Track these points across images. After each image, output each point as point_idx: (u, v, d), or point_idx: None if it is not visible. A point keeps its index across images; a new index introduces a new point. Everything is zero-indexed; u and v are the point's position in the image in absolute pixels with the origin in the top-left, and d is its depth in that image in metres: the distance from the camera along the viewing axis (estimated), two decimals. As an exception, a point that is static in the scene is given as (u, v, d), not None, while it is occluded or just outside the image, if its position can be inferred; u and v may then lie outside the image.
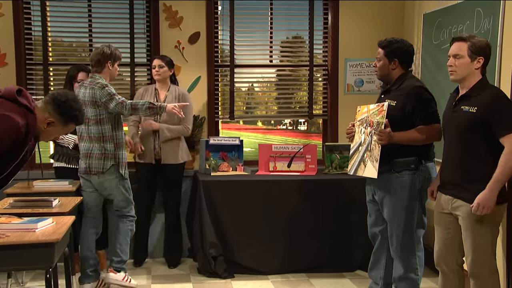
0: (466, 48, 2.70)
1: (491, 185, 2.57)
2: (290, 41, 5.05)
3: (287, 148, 4.52)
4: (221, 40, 4.82)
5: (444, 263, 2.90)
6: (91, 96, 3.60)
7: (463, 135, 2.69)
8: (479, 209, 2.60)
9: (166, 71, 4.28)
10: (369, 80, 4.85)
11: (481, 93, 2.66)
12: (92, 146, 3.64)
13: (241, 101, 5.10)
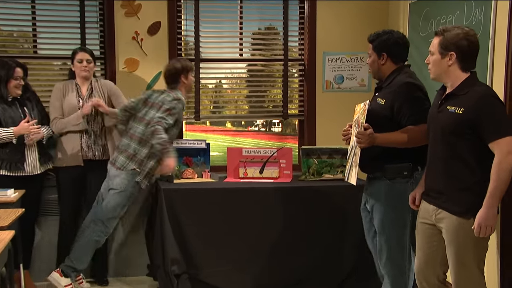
0: (437, 44, 2.68)
1: (487, 201, 2.52)
2: (262, 33, 5.00)
3: (259, 152, 4.45)
4: (185, 31, 4.74)
5: (425, 279, 2.87)
6: (161, 101, 3.96)
7: (449, 138, 2.65)
8: (482, 230, 2.54)
9: (93, 67, 4.21)
10: (350, 76, 4.83)
11: (469, 91, 2.62)
12: (130, 144, 3.97)
13: (207, 99, 5.03)
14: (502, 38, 3.13)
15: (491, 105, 2.56)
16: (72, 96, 4.15)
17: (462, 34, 2.65)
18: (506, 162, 2.49)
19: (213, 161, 4.63)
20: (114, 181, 3.95)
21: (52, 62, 4.65)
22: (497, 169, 2.50)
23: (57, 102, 4.14)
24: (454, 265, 2.68)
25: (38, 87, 4.56)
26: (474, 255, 2.65)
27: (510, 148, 2.50)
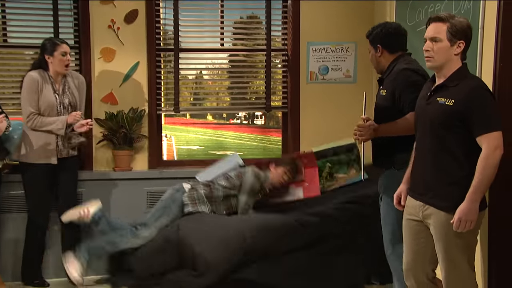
0: (445, 30, 2.61)
1: (470, 195, 2.50)
2: (244, 22, 4.93)
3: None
4: (164, 20, 4.66)
5: (413, 276, 2.85)
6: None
7: (437, 131, 2.62)
8: (461, 224, 2.53)
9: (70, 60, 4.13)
10: (335, 67, 4.78)
11: (459, 84, 2.60)
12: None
13: (187, 91, 4.95)
14: (491, 28, 3.10)
15: (482, 98, 2.54)
16: (49, 92, 4.00)
17: (467, 23, 2.64)
18: (493, 157, 2.48)
19: (194, 155, 4.57)
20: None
21: (23, 51, 4.53)
22: (483, 164, 2.49)
23: (34, 95, 3.94)
24: (443, 262, 2.66)
25: (8, 77, 4.46)
26: (463, 251, 2.63)
27: (498, 143, 2.49)
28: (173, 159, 5.17)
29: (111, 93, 4.51)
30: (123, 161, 4.47)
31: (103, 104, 4.50)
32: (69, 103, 4.05)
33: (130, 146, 4.47)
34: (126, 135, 4.42)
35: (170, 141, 5.21)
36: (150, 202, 4.51)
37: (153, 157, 4.61)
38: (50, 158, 4.00)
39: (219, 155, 5.41)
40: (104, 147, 4.53)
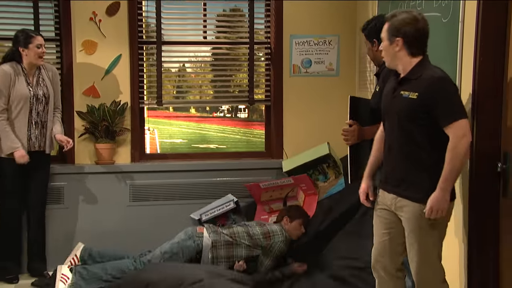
0: (386, 30, 2.71)
1: (441, 185, 2.55)
2: (227, 15, 4.93)
3: (276, 183, 4.47)
4: (146, 12, 4.63)
5: (382, 267, 2.88)
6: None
7: (404, 124, 2.66)
8: (433, 212, 2.58)
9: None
10: (318, 60, 4.80)
11: (421, 75, 2.63)
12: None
13: (170, 84, 4.95)
14: (471, 21, 3.13)
15: (444, 89, 2.59)
16: (22, 84, 3.98)
17: (409, 19, 2.67)
18: (461, 146, 2.53)
19: (177, 148, 4.57)
20: None
21: (3, 43, 4.45)
22: (451, 154, 2.53)
23: (5, 90, 3.93)
24: (415, 254, 2.69)
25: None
26: (436, 243, 2.67)
27: (465, 131, 2.54)
28: (156, 153, 5.15)
29: (93, 86, 4.49)
30: (106, 154, 4.46)
31: (84, 97, 4.47)
32: (43, 95, 4.03)
33: (112, 139, 4.46)
34: (108, 129, 4.41)
35: (153, 135, 5.20)
36: (133, 195, 4.51)
37: (136, 150, 4.60)
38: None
39: (202, 148, 5.42)
40: (86, 140, 4.50)
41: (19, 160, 3.93)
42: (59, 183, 4.35)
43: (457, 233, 3.25)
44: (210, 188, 4.62)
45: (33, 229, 4.18)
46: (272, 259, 3.92)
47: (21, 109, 3.97)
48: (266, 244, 3.91)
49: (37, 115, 4.03)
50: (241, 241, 3.91)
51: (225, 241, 3.89)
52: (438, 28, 3.38)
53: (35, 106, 4.01)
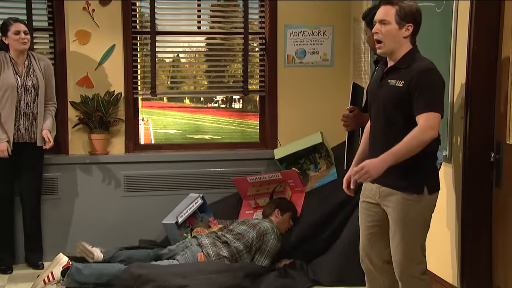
0: (394, 13, 2.62)
1: (385, 156, 2.50)
2: (221, 5, 4.91)
3: (264, 177, 4.46)
4: (140, 2, 4.62)
5: (369, 260, 2.86)
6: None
7: (390, 112, 2.65)
8: (361, 172, 2.50)
9: (29, 38, 4.02)
10: (313, 50, 4.79)
11: (410, 65, 2.61)
12: None
13: (164, 74, 4.93)
14: (465, 11, 3.14)
15: (430, 80, 2.57)
16: (9, 73, 3.95)
17: (417, 7, 2.66)
18: (424, 133, 2.49)
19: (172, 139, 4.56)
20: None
21: (-5, 33, 4.44)
22: (412, 135, 2.49)
23: None
24: (398, 244, 2.66)
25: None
26: (418, 233, 2.65)
27: (435, 124, 2.52)
28: (151, 143, 5.13)
29: (87, 76, 4.47)
30: (100, 145, 4.45)
31: (78, 88, 4.46)
32: (32, 86, 4.01)
33: (106, 130, 4.45)
34: (102, 119, 4.40)
35: (147, 125, 5.19)
36: (127, 186, 4.51)
37: (130, 141, 4.60)
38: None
39: (197, 139, 5.41)
40: (80, 131, 4.49)
41: (1, 153, 3.92)
42: (52, 174, 4.34)
43: (450, 223, 3.27)
44: (205, 179, 4.62)
45: (28, 220, 4.17)
46: (270, 259, 3.92)
47: (8, 98, 3.93)
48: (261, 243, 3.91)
49: (25, 106, 4.00)
50: (234, 246, 3.85)
51: (226, 254, 3.83)
52: (432, 18, 3.38)
53: (24, 97, 3.98)
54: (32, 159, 4.09)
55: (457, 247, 3.20)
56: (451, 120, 3.24)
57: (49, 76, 4.13)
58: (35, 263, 4.15)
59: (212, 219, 4.37)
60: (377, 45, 2.69)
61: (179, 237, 4.12)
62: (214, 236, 3.92)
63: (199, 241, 3.84)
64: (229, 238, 3.88)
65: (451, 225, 3.25)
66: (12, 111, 3.95)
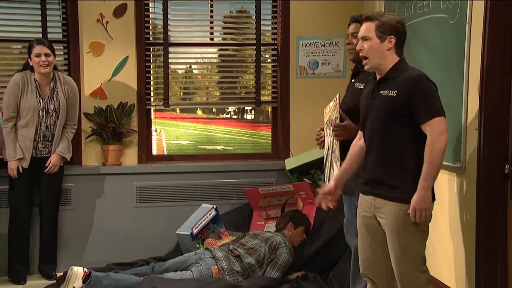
0: (374, 28, 2.69)
1: (422, 184, 2.54)
2: (234, 16, 4.93)
3: (276, 189, 4.46)
4: (153, 14, 4.65)
5: (371, 274, 2.85)
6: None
7: (384, 122, 2.67)
8: (417, 214, 2.56)
9: (52, 60, 4.01)
10: (325, 61, 4.80)
11: (401, 74, 2.66)
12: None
13: (177, 85, 4.95)
14: (479, 22, 3.13)
15: (423, 87, 2.60)
16: (32, 95, 3.99)
17: (397, 19, 2.72)
18: (439, 142, 2.53)
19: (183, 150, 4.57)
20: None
21: (10, 45, 4.51)
22: (429, 150, 2.53)
23: (13, 99, 3.95)
24: (397, 257, 2.65)
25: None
26: (417, 242, 2.64)
27: (442, 128, 2.55)
28: (163, 154, 5.15)
29: (100, 88, 4.51)
30: (113, 156, 4.47)
31: (92, 99, 4.50)
32: (53, 109, 4.04)
33: (119, 141, 4.47)
34: (115, 130, 4.42)
35: (159, 136, 5.21)
36: (140, 197, 4.53)
37: (143, 152, 4.62)
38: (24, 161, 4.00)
39: (209, 150, 5.43)
40: (93, 142, 4.53)
41: (9, 171, 3.97)
42: (66, 185, 4.36)
43: (464, 235, 3.24)
44: (217, 190, 4.63)
45: (45, 231, 4.20)
46: (281, 272, 3.88)
47: (29, 120, 3.98)
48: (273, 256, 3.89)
49: (46, 128, 4.04)
50: (246, 261, 3.83)
51: (239, 270, 3.82)
52: (446, 29, 3.38)
53: (45, 119, 4.02)
54: (50, 174, 4.11)
55: (472, 259, 3.17)
56: (465, 132, 3.22)
57: (72, 99, 4.12)
58: (49, 274, 4.17)
59: (223, 230, 4.37)
60: (364, 61, 2.75)
61: (193, 248, 4.12)
62: (227, 250, 3.90)
63: (213, 254, 3.83)
64: (241, 253, 3.86)
65: (465, 237, 3.22)
66: (32, 133, 3.99)
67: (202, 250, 3.97)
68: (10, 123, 3.98)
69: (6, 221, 4.14)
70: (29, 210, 4.13)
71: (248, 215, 4.58)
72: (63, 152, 4.10)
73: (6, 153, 3.97)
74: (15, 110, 3.98)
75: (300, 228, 4.11)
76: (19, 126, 4.00)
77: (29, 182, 4.07)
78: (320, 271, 3.96)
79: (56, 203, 4.23)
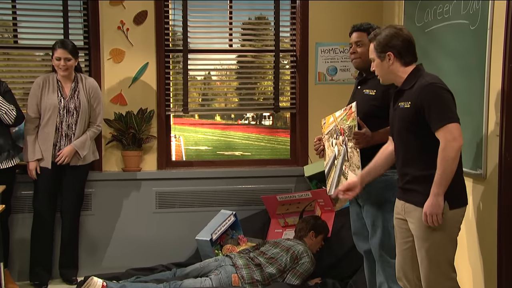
0: (373, 49, 2.80)
1: (434, 190, 2.57)
2: (252, 23, 4.96)
3: (294, 196, 4.47)
4: (173, 21, 4.68)
5: (405, 276, 2.86)
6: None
7: (405, 133, 2.73)
8: (429, 219, 2.59)
9: (72, 64, 4.09)
10: (344, 67, 4.80)
11: (414, 84, 2.70)
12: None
13: (196, 92, 4.98)
14: (500, 29, 3.11)
15: (434, 94, 2.61)
16: (53, 95, 4.06)
17: (392, 32, 2.76)
18: (451, 149, 2.54)
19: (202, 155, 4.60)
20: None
21: (33, 52, 4.58)
22: (441, 157, 2.55)
23: (34, 99, 4.04)
24: (422, 260, 2.68)
25: (19, 78, 4.52)
26: (444, 247, 2.65)
27: (454, 134, 2.55)
28: (182, 160, 5.19)
29: (120, 94, 4.56)
30: (132, 161, 4.51)
31: (112, 105, 4.55)
32: (74, 108, 4.09)
33: (139, 146, 4.51)
34: (135, 136, 4.46)
35: (178, 142, 5.25)
36: (159, 202, 4.56)
37: (162, 157, 4.65)
38: (46, 163, 4.05)
39: (227, 155, 5.45)
40: (113, 147, 4.57)
41: (29, 172, 4.03)
42: (86, 190, 4.40)
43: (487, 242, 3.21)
44: (235, 195, 4.65)
45: (65, 236, 4.25)
46: (301, 280, 3.87)
47: (49, 118, 4.04)
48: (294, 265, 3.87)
49: (67, 127, 4.09)
50: (267, 271, 3.82)
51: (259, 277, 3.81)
52: (466, 35, 3.37)
53: (66, 118, 4.07)
54: (73, 177, 4.17)
55: (493, 268, 3.15)
56: (486, 138, 3.20)
57: (94, 99, 4.17)
58: (69, 279, 4.22)
59: (241, 237, 4.37)
60: (379, 76, 2.85)
61: (212, 254, 4.14)
62: (247, 258, 3.89)
63: (234, 262, 3.82)
64: (262, 262, 3.85)
65: (487, 243, 3.20)
66: (52, 132, 4.04)
67: (223, 257, 3.97)
68: (32, 125, 4.05)
69: (29, 226, 4.20)
70: (52, 215, 4.18)
71: (266, 221, 4.59)
72: (77, 146, 4.08)
73: (26, 154, 4.03)
74: (37, 111, 4.04)
75: (320, 237, 4.10)
76: (40, 127, 4.06)
77: (52, 187, 4.12)
78: (340, 278, 3.95)
79: (78, 208, 4.27)
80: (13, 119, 3.90)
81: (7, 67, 4.51)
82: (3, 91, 3.96)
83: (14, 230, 4.25)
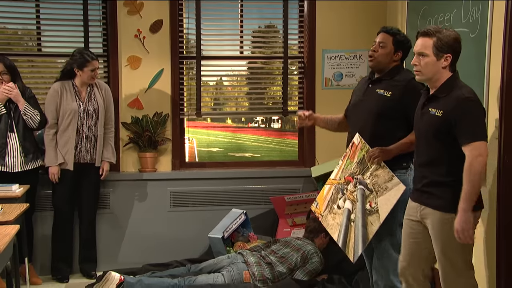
0: (431, 45, 2.62)
1: (462, 205, 2.51)
2: (262, 31, 4.99)
3: (301, 197, 4.48)
4: (186, 29, 4.73)
5: (410, 274, 2.85)
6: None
7: (430, 139, 2.66)
8: (462, 236, 2.53)
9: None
10: (349, 73, 4.82)
11: (449, 94, 2.61)
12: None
13: (208, 96, 5.02)
14: (499, 37, 3.12)
15: (468, 109, 2.55)
16: (72, 100, 4.11)
17: (455, 36, 2.65)
18: (477, 163, 2.48)
19: (213, 157, 4.63)
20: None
21: (56, 59, 4.63)
22: (467, 172, 2.49)
23: (53, 105, 4.10)
24: (440, 261, 2.67)
25: (42, 84, 4.59)
26: (460, 249, 2.63)
27: (481, 151, 2.50)
28: (195, 161, 5.23)
29: (137, 99, 4.60)
30: (148, 163, 4.56)
31: (129, 109, 4.60)
32: (93, 110, 4.15)
33: (154, 148, 4.56)
34: (151, 138, 4.51)
35: (191, 144, 5.29)
36: (173, 201, 4.60)
37: (176, 159, 4.69)
38: (67, 165, 4.11)
39: (238, 157, 5.48)
40: (130, 149, 4.62)
41: (50, 175, 4.08)
42: (105, 189, 4.47)
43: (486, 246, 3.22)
44: (246, 195, 4.68)
45: (84, 233, 4.31)
46: (309, 276, 3.87)
47: (70, 122, 4.09)
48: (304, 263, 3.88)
49: (88, 129, 4.15)
50: (277, 270, 3.81)
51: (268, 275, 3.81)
52: (466, 43, 3.36)
53: (86, 121, 4.13)
54: (92, 178, 4.23)
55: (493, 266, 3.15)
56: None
57: (108, 101, 4.26)
58: (89, 273, 4.27)
59: (251, 234, 4.41)
60: (415, 72, 2.71)
61: (223, 251, 4.17)
62: (259, 255, 3.90)
63: (245, 259, 3.83)
64: (273, 261, 3.85)
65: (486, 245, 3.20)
66: (73, 135, 4.09)
67: (235, 254, 3.98)
68: (52, 130, 4.10)
69: (50, 223, 4.26)
70: (71, 212, 4.24)
71: (275, 220, 4.61)
72: (110, 158, 4.24)
73: (47, 159, 4.08)
74: (55, 117, 4.10)
75: (329, 237, 4.11)
76: (60, 131, 4.11)
77: (72, 186, 4.18)
78: (346, 274, 3.96)
79: (95, 203, 4.33)
80: (37, 123, 3.98)
81: (31, 74, 4.58)
82: (28, 96, 4.03)
83: (37, 227, 4.31)
